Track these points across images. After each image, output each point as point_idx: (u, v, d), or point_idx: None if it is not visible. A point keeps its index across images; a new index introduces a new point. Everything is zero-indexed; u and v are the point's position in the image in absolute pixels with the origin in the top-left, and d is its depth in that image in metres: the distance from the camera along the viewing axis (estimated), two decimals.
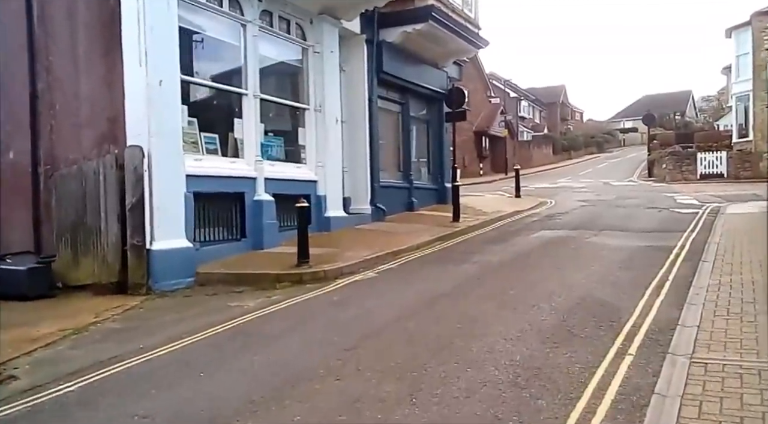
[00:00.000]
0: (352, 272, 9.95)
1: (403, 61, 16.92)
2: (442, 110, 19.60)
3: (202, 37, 11.35)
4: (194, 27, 10.88)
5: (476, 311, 7.03)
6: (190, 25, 10.68)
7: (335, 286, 9.02)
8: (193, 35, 11.12)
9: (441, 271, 9.90)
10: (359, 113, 15.45)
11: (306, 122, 13.68)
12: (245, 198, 11.53)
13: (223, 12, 11.27)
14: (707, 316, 6.47)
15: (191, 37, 11.10)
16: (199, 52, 11.42)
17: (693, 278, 8.42)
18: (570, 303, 7.28)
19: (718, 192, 22.57)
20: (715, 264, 9.25)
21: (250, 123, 11.79)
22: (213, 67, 11.91)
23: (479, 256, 11.11)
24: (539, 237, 13.16)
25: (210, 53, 11.78)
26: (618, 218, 15.79)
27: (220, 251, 10.83)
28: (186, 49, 10.75)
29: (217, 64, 11.99)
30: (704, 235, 12.26)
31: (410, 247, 12.23)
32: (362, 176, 15.47)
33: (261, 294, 8.73)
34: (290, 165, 13.26)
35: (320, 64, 13.73)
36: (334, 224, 13.81)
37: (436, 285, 8.61)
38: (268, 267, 10.10)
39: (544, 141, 59.39)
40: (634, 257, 10.39)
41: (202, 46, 11.48)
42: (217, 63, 12.00)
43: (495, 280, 8.91)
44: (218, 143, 11.52)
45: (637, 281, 8.45)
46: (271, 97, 12.62)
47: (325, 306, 7.75)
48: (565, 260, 10.20)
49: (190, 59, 10.98)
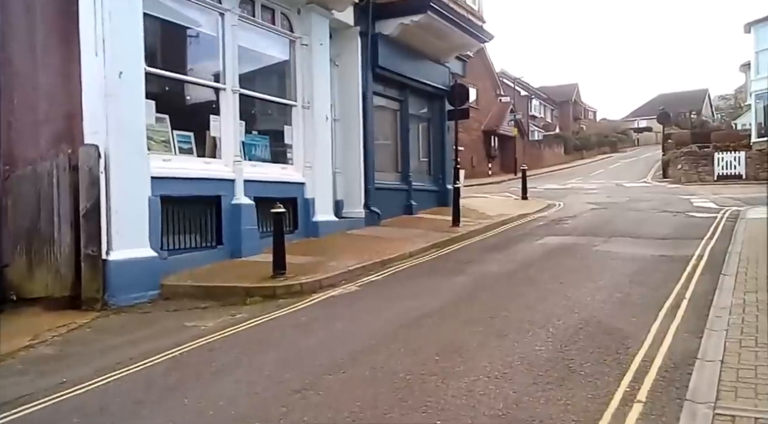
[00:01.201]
0: (332, 285, 9.01)
1: (401, 55, 15.95)
2: (444, 108, 18.55)
3: (175, 26, 10.37)
4: (164, 15, 9.93)
5: (461, 337, 6.05)
6: (159, 13, 9.74)
7: (309, 302, 8.07)
8: (164, 24, 10.16)
9: (430, 284, 8.92)
10: (353, 111, 14.49)
11: (293, 120, 12.74)
12: (222, 202, 10.61)
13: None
14: (732, 347, 5.46)
15: (162, 26, 10.16)
16: (171, 43, 10.53)
17: (713, 295, 7.41)
18: (571, 328, 6.28)
19: (737, 194, 21.41)
20: (738, 278, 8.22)
21: (228, 120, 10.87)
22: (187, 59, 10.96)
23: (476, 266, 10.12)
24: (543, 244, 12.15)
25: (183, 44, 10.86)
26: (630, 223, 14.74)
27: (192, 259, 9.92)
28: (154, 38, 9.88)
29: (191, 56, 11.04)
30: (724, 243, 11.21)
31: (402, 255, 11.27)
32: (356, 178, 14.51)
33: (226, 311, 7.82)
34: (275, 166, 12.32)
35: (309, 58, 12.79)
36: (323, 229, 12.86)
37: (421, 303, 7.63)
38: (241, 279, 9.17)
39: (556, 141, 58.18)
40: (646, 268, 9.36)
41: (175, 36, 10.55)
42: (192, 55, 11.06)
43: (489, 297, 7.92)
44: (193, 142, 10.59)
45: (650, 299, 7.44)
46: (252, 93, 11.68)
47: (290, 329, 6.78)
48: (569, 273, 9.19)
49: (159, 50, 10.09)
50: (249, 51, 11.66)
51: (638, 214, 16.68)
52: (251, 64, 11.87)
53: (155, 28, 9.85)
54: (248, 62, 11.64)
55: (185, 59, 10.90)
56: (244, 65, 11.36)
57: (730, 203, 18.57)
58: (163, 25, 10.13)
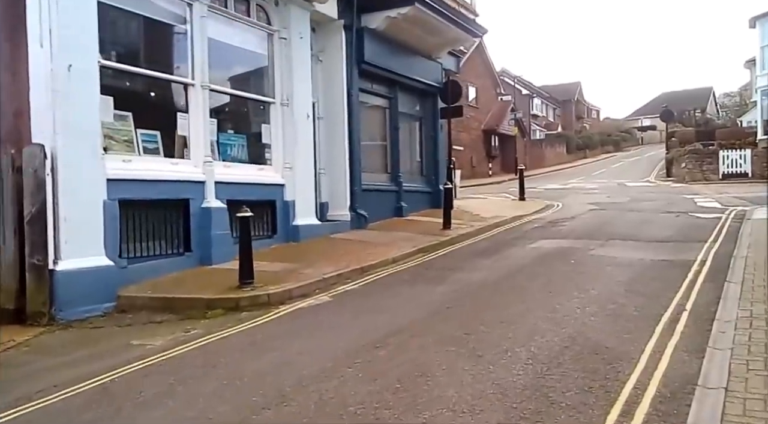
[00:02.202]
0: (303, 295, 8.32)
1: (389, 50, 15.23)
2: (437, 105, 17.89)
3: (137, 16, 9.64)
4: (123, 4, 9.19)
5: (429, 359, 5.33)
6: (117, 2, 8.99)
7: (274, 315, 7.38)
8: (124, 14, 9.44)
9: (408, 295, 8.21)
10: (338, 109, 13.78)
11: (271, 118, 12.03)
12: (190, 205, 9.92)
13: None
14: (738, 370, 4.74)
15: (122, 16, 9.46)
16: (133, 35, 9.86)
17: (717, 306, 6.70)
18: (555, 347, 5.56)
19: (743, 193, 20.62)
20: (744, 286, 7.50)
21: (197, 118, 10.17)
22: (151, 52, 10.25)
23: (460, 273, 9.41)
24: (536, 248, 11.42)
25: (147, 36, 10.15)
26: (629, 225, 14.00)
27: (156, 268, 9.23)
28: (113, 29, 9.22)
29: (156, 49, 10.36)
30: (729, 246, 10.49)
31: (384, 261, 10.56)
32: (341, 179, 13.80)
33: (181, 327, 7.13)
34: (252, 167, 11.61)
35: (288, 53, 12.09)
36: (304, 233, 12.15)
37: (393, 317, 6.92)
38: (205, 289, 8.47)
39: (558, 140, 57.35)
40: (644, 275, 8.64)
41: (137, 28, 9.85)
42: (157, 48, 10.37)
43: (469, 309, 7.20)
44: (160, 142, 9.90)
45: (646, 311, 6.72)
46: (225, 89, 10.98)
47: (242, 349, 6.07)
48: (560, 281, 8.47)
49: (119, 42, 9.40)
50: (221, 44, 10.96)
51: (639, 215, 15.94)
52: (224, 58, 11.15)
53: (114, 17, 9.15)
54: (221, 57, 10.93)
55: (149, 53, 10.18)
56: (215, 60, 10.64)
57: (735, 203, 17.82)
58: (122, 15, 9.42)
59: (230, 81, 11.36)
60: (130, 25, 9.66)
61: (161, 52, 10.39)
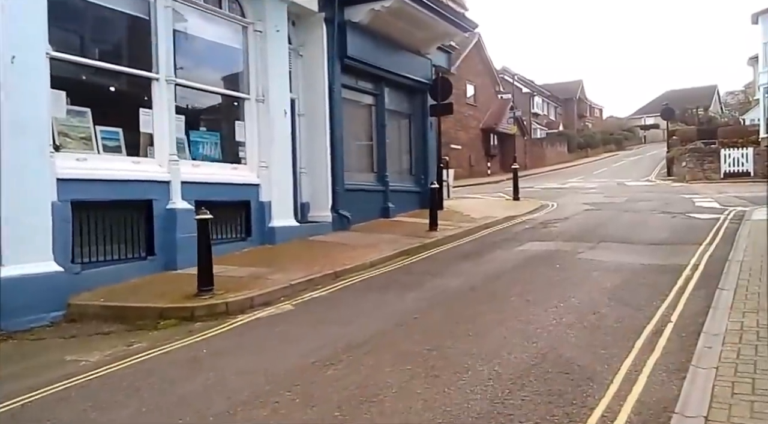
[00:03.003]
0: (266, 303, 7.79)
1: (375, 45, 14.67)
2: (426, 103, 17.30)
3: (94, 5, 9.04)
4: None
5: (381, 380, 4.79)
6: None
7: (228, 326, 6.84)
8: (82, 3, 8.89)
9: (377, 303, 7.67)
10: (319, 105, 13.23)
11: (246, 115, 11.50)
12: (154, 207, 9.39)
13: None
14: (722, 394, 4.21)
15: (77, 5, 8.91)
16: (90, 25, 9.30)
17: (706, 317, 6.14)
18: (522, 365, 5.01)
19: (743, 193, 20.02)
20: (737, 294, 6.95)
21: (162, 114, 9.64)
22: (113, 45, 9.74)
23: (439, 279, 8.87)
24: (523, 251, 10.87)
25: (106, 27, 9.61)
26: (623, 226, 13.43)
27: (115, 273, 8.69)
28: (67, 19, 8.70)
29: (116, 40, 9.82)
30: (724, 249, 9.94)
31: (361, 265, 10.04)
32: (322, 179, 13.25)
33: (126, 339, 6.61)
34: (224, 166, 11.08)
35: (263, 46, 11.56)
36: (281, 236, 11.61)
37: (355, 328, 6.38)
38: (160, 297, 7.92)
39: (559, 139, 56.69)
40: (631, 282, 8.08)
41: (94, 18, 9.30)
42: (117, 39, 9.83)
43: (437, 320, 6.65)
44: (122, 140, 9.37)
45: (628, 322, 6.17)
46: (192, 84, 10.42)
47: (180, 367, 5.53)
48: (541, 287, 7.91)
49: (74, 33, 8.89)
50: (190, 37, 10.46)
51: (634, 215, 15.36)
52: (193, 52, 10.66)
53: (68, 7, 8.64)
54: (189, 50, 10.45)
55: (110, 45, 9.66)
56: (184, 53, 10.17)
57: (735, 203, 17.25)
58: (79, 4, 8.88)
59: (200, 76, 10.80)
60: (87, 15, 9.09)
61: (123, 44, 9.86)
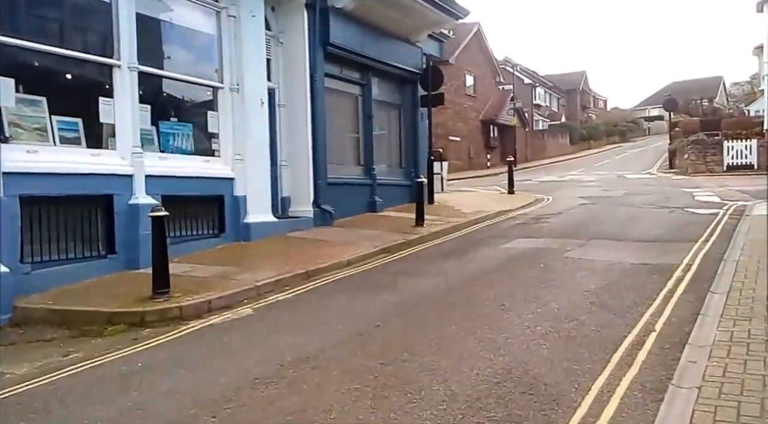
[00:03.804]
0: (226, 307, 7.28)
1: (360, 32, 14.10)
2: (417, 93, 16.73)
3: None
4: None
5: (322, 402, 4.27)
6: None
7: (175, 334, 6.34)
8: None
9: (343, 307, 7.14)
10: (300, 95, 12.67)
11: (219, 105, 10.96)
12: (114, 202, 8.87)
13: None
14: (702, 421, 3.67)
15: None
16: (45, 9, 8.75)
17: (693, 325, 5.59)
18: (483, 384, 4.48)
19: (746, 187, 19.40)
20: (730, 298, 6.41)
21: (124, 104, 9.11)
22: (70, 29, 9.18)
23: (415, 279, 8.35)
24: (509, 249, 10.32)
25: (61, 10, 9.06)
26: (617, 222, 12.87)
27: (71, 273, 8.19)
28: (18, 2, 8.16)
29: (73, 24, 9.27)
30: (721, 246, 9.40)
31: (337, 264, 9.52)
32: (304, 172, 12.72)
33: (65, 348, 6.14)
34: (195, 159, 10.54)
35: (238, 32, 11.01)
36: (258, 232, 11.10)
37: (310, 338, 5.85)
38: (113, 300, 7.39)
39: (561, 130, 55.98)
40: (618, 283, 7.53)
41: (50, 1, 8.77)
42: (74, 23, 9.28)
43: (401, 328, 6.12)
44: (82, 131, 8.85)
45: (608, 332, 5.63)
46: (158, 71, 9.88)
47: (104, 384, 5.01)
48: (520, 290, 7.37)
49: (23, 16, 8.35)
50: (156, 22, 9.94)
51: (631, 210, 14.78)
52: (161, 37, 10.13)
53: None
54: (156, 35, 9.94)
55: (66, 29, 9.10)
56: (150, 39, 9.66)
57: (736, 197, 16.68)
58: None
59: (169, 63, 10.27)
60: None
61: (81, 28, 9.31)
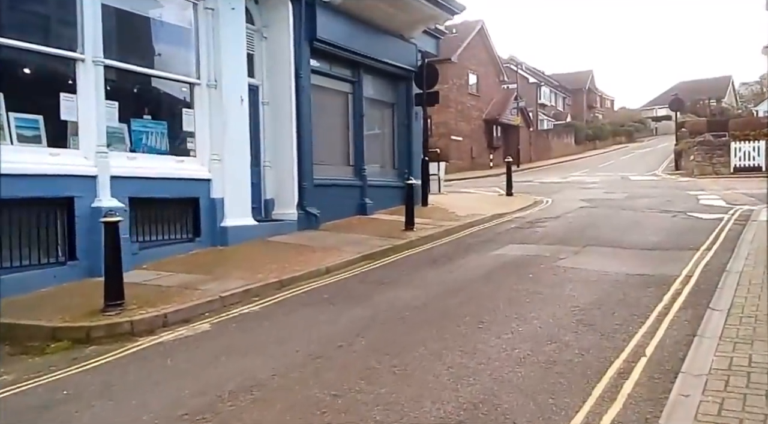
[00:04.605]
0: (184, 321, 6.74)
1: (350, 27, 13.53)
2: (412, 91, 16.15)
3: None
4: None
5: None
6: None
7: (118, 354, 5.80)
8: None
9: (307, 323, 6.55)
10: (284, 92, 12.13)
11: (195, 102, 10.42)
12: (76, 205, 8.33)
13: None
14: None
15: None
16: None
17: (689, 349, 5.00)
18: (442, 422, 3.90)
19: (753, 190, 18.71)
20: (730, 316, 5.85)
21: (88, 100, 8.58)
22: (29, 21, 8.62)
23: (393, 290, 7.79)
24: (499, 256, 9.75)
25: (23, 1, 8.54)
26: (616, 227, 12.26)
27: (27, 281, 7.70)
28: None
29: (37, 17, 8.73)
30: (724, 256, 8.82)
31: (315, 271, 8.98)
32: (288, 173, 12.15)
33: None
34: (168, 159, 9.99)
35: (215, 26, 10.46)
36: (236, 236, 10.55)
37: (261, 361, 5.30)
38: (61, 313, 6.83)
39: (566, 130, 55.24)
40: (610, 298, 6.94)
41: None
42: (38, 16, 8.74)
43: (364, 350, 5.53)
44: (43, 129, 8.34)
45: (593, 356, 5.05)
46: (126, 66, 9.30)
47: (19, 416, 4.46)
48: (503, 305, 6.79)
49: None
50: (126, 14, 9.40)
51: (631, 214, 14.17)
52: (132, 30, 9.63)
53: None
54: (126, 28, 9.41)
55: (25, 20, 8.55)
56: (120, 32, 9.16)
57: (742, 201, 16.04)
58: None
59: (140, 58, 9.72)
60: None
61: (42, 20, 8.76)
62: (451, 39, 36.45)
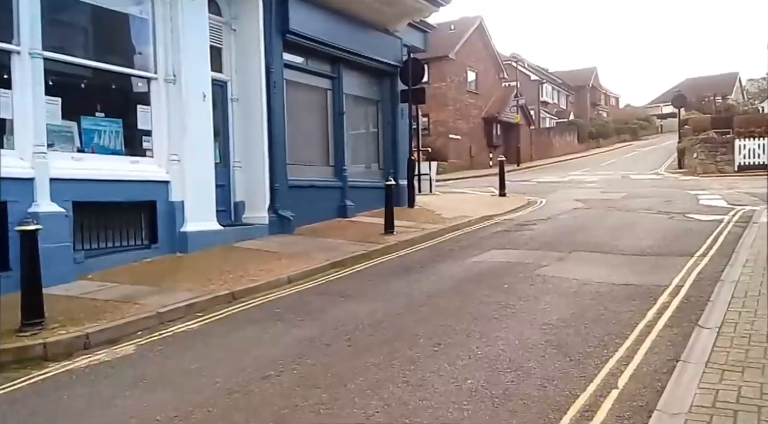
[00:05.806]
0: (110, 341, 6.07)
1: (328, 20, 12.81)
2: (397, 88, 15.39)
3: None
4: None
5: None
6: None
7: (16, 385, 5.10)
8: None
9: (246, 345, 5.83)
10: (255, 88, 11.40)
11: (152, 98, 9.71)
12: (8, 210, 7.64)
13: None
14: None
15: None
16: None
17: (669, 379, 4.27)
18: None
19: (757, 188, 17.87)
20: (721, 336, 5.12)
21: (24, 95, 7.90)
22: None
23: (349, 304, 7.07)
24: (476, 264, 9.02)
25: None
26: (608, 230, 11.51)
27: None
28: None
29: None
30: (720, 262, 8.10)
31: (275, 281, 8.29)
32: (259, 174, 11.42)
33: None
34: (121, 159, 9.30)
35: (174, 16, 9.76)
36: (197, 242, 9.85)
37: (174, 396, 4.60)
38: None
39: (568, 128, 54.32)
40: (588, 313, 6.19)
41: None
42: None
43: (294, 381, 4.79)
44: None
45: (558, 387, 4.32)
46: (68, 58, 8.59)
47: None
48: (466, 322, 6.06)
49: None
50: (70, 2, 8.68)
51: (626, 215, 13.41)
52: (77, 20, 8.88)
53: None
54: (71, 18, 8.69)
55: None
56: (62, 21, 8.43)
57: (745, 201, 15.26)
58: None
59: (89, 50, 9.02)
60: None
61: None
62: (449, 35, 35.78)
